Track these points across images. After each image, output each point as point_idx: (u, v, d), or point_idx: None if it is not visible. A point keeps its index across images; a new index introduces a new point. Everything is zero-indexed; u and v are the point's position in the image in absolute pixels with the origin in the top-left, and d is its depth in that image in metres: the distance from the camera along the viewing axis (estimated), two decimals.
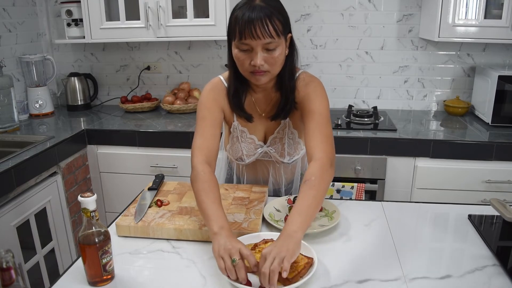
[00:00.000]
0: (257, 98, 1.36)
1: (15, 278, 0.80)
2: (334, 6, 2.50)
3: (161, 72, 2.77)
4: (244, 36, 1.13)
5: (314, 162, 1.18)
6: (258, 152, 1.42)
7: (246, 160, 1.42)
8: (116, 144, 2.28)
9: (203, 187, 1.16)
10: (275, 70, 1.21)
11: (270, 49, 1.16)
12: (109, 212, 2.39)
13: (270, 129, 1.39)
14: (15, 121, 2.28)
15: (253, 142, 1.40)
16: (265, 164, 1.47)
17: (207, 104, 1.31)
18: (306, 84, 1.30)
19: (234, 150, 1.42)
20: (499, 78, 2.14)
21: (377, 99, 2.63)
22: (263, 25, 1.12)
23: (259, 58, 1.15)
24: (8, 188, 1.72)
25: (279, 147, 1.39)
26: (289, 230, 1.02)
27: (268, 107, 1.36)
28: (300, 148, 1.42)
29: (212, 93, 1.33)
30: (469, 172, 2.03)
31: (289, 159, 1.41)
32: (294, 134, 1.39)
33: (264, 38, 1.13)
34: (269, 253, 0.95)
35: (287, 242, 0.98)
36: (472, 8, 2.10)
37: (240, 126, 1.39)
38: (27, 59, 2.50)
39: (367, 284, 1.00)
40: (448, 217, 1.35)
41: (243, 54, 1.17)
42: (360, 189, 2.08)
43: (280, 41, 1.17)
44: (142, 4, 2.29)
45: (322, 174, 1.14)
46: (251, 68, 1.18)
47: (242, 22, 1.12)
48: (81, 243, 0.96)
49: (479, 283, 0.99)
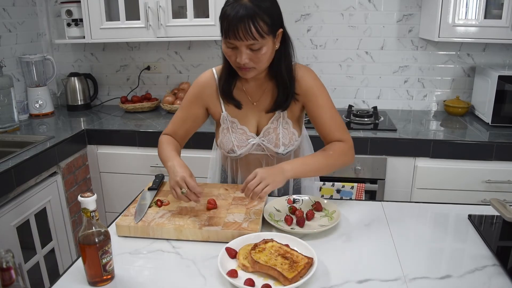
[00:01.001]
0: (249, 87, 1.38)
1: (15, 278, 0.80)
2: (334, 6, 2.50)
3: (161, 72, 2.77)
4: (228, 36, 1.17)
5: (337, 142, 1.32)
6: (250, 143, 1.40)
7: (238, 151, 1.40)
8: (116, 144, 2.28)
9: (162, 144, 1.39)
10: (261, 66, 1.24)
11: (255, 49, 1.18)
12: (109, 212, 2.39)
13: (263, 119, 1.39)
14: (15, 121, 2.28)
15: (244, 133, 1.39)
16: (258, 158, 1.45)
17: (189, 97, 1.42)
18: (304, 74, 1.34)
19: (225, 142, 1.41)
20: (499, 78, 2.14)
21: (377, 99, 2.63)
22: (245, 28, 1.13)
23: (243, 57, 1.19)
24: (8, 188, 1.72)
25: (273, 137, 1.38)
26: (285, 166, 1.21)
27: (262, 97, 1.37)
28: (294, 139, 1.40)
29: (197, 88, 1.41)
30: (469, 172, 2.03)
31: (283, 149, 1.39)
32: (288, 124, 1.38)
33: (246, 40, 1.15)
34: (260, 174, 1.15)
35: (277, 175, 1.18)
36: (472, 8, 2.10)
37: (230, 116, 1.39)
38: (27, 59, 2.50)
39: (367, 284, 1.00)
40: (448, 217, 1.35)
41: (230, 51, 1.22)
42: (360, 189, 2.08)
43: (264, 41, 1.18)
44: (142, 4, 2.29)
45: (341, 152, 1.30)
46: (237, 64, 1.22)
47: (227, 21, 1.15)
48: (81, 243, 0.96)
49: (479, 283, 0.99)
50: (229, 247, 1.09)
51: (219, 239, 1.17)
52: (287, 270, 0.98)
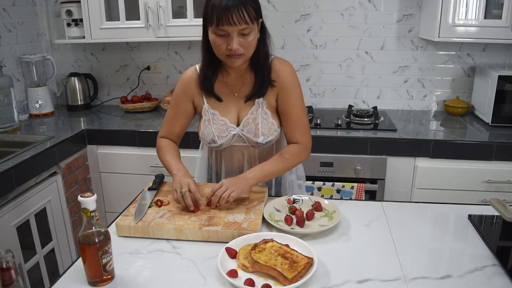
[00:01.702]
0: (230, 79, 1.44)
1: (15, 278, 0.80)
2: (334, 6, 2.50)
3: (161, 72, 2.77)
4: (221, 22, 1.23)
5: (294, 145, 1.43)
6: (230, 133, 1.44)
7: (218, 141, 1.44)
8: (116, 144, 2.28)
9: (163, 149, 1.47)
10: (249, 53, 1.31)
11: (245, 34, 1.26)
12: (109, 212, 2.39)
13: (243, 110, 1.44)
14: (15, 121, 2.28)
15: (225, 124, 1.44)
16: (241, 149, 1.50)
17: (175, 94, 1.49)
18: (281, 64, 1.41)
19: (206, 134, 1.46)
20: (499, 78, 2.14)
21: (377, 99, 2.63)
22: (239, 13, 1.22)
23: (235, 43, 1.25)
24: (8, 188, 1.72)
25: (252, 127, 1.42)
26: (247, 175, 1.34)
27: (242, 88, 1.43)
28: (274, 130, 1.44)
29: (182, 84, 1.47)
30: (469, 172, 2.03)
31: (263, 139, 1.42)
32: (267, 114, 1.43)
33: (240, 25, 1.23)
34: (224, 184, 1.28)
35: (241, 182, 1.30)
36: (472, 8, 2.10)
37: (211, 109, 1.45)
38: (27, 59, 2.50)
39: (367, 284, 1.00)
40: (448, 217, 1.35)
41: (220, 39, 1.27)
42: (360, 189, 2.08)
43: (253, 27, 1.27)
44: (142, 4, 2.29)
45: (296, 155, 1.42)
46: (227, 52, 1.28)
47: (219, 9, 1.22)
48: (81, 243, 0.96)
49: (479, 283, 0.99)
50: (229, 247, 1.09)
51: (219, 239, 1.17)
52: (287, 270, 0.98)
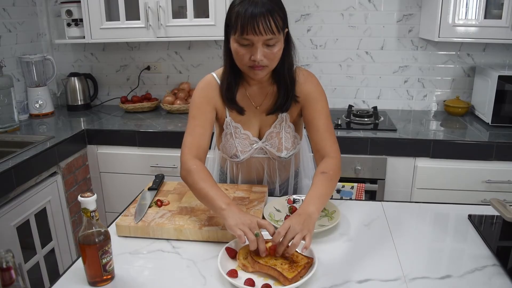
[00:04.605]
0: (252, 91, 1.36)
1: (15, 278, 0.80)
2: (334, 6, 2.49)
3: (161, 72, 2.77)
4: (246, 31, 1.14)
5: (330, 159, 1.28)
6: (253, 147, 1.40)
7: (241, 156, 1.40)
8: (116, 144, 2.28)
9: (199, 177, 1.20)
10: (273, 65, 1.23)
11: (270, 44, 1.18)
12: (109, 212, 2.39)
13: (265, 124, 1.39)
14: (15, 121, 2.28)
15: (248, 138, 1.39)
16: (259, 161, 1.45)
17: (198, 103, 1.33)
18: (306, 78, 1.33)
19: (228, 148, 1.40)
20: (499, 78, 2.14)
21: (377, 99, 2.63)
22: (266, 21, 1.13)
23: (259, 53, 1.17)
24: (8, 188, 1.72)
25: (276, 141, 1.38)
26: (309, 210, 1.10)
27: (264, 100, 1.37)
28: (296, 143, 1.42)
29: (204, 91, 1.34)
30: (469, 172, 2.03)
31: (286, 153, 1.39)
32: (291, 128, 1.39)
33: (266, 34, 1.14)
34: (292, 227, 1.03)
35: (308, 222, 1.07)
36: (472, 8, 2.10)
37: (234, 122, 1.38)
38: (27, 59, 2.50)
39: (367, 284, 1.00)
40: (448, 217, 1.35)
41: (243, 49, 1.19)
42: (360, 189, 2.08)
43: (280, 37, 1.19)
44: (142, 4, 2.29)
45: (337, 171, 1.27)
46: (250, 63, 1.20)
47: (245, 17, 1.13)
48: (81, 243, 0.96)
49: (479, 283, 0.99)
50: (229, 247, 1.09)
51: (219, 239, 1.17)
52: (287, 270, 0.98)
